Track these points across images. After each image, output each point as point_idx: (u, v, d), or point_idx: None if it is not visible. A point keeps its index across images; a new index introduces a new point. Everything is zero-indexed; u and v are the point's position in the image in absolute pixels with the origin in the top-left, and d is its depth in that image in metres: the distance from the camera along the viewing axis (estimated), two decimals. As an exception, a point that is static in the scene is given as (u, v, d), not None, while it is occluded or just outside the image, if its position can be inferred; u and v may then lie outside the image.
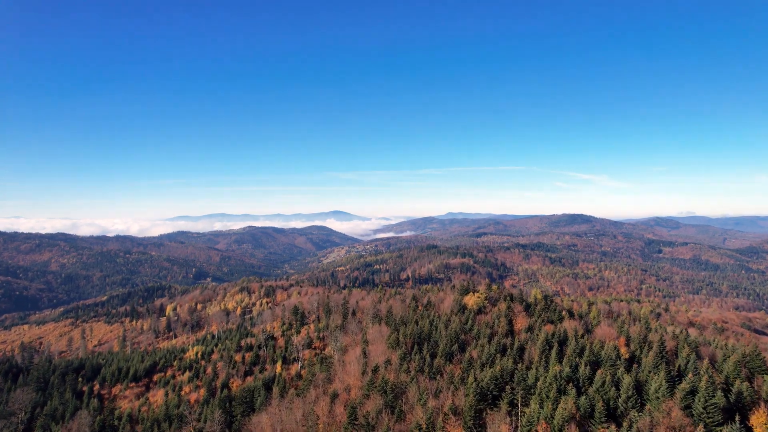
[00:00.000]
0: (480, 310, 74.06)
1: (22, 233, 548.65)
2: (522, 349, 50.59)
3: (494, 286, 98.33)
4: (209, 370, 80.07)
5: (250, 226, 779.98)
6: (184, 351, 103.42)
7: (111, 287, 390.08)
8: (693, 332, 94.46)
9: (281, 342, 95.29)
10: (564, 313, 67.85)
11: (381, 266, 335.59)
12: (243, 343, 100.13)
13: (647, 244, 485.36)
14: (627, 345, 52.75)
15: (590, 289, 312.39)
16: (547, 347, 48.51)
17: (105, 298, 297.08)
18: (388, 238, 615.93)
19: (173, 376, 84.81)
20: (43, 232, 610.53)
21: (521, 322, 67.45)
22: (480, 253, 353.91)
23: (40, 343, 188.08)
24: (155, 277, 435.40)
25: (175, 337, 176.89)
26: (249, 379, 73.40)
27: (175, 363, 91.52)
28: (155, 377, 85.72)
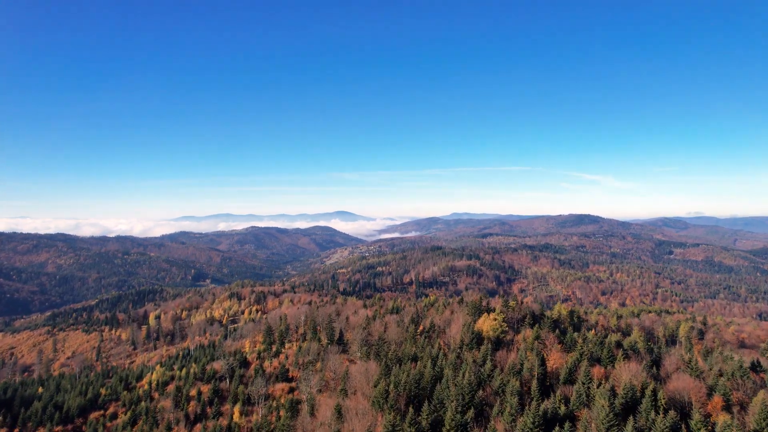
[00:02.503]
0: (498, 340, 56.73)
1: (21, 233, 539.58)
2: (573, 420, 33.23)
3: (512, 302, 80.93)
4: (152, 408, 63.34)
5: (253, 227, 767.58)
6: (141, 377, 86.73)
7: (106, 289, 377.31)
8: (761, 360, 76.70)
9: (253, 369, 78.40)
10: (617, 351, 50.23)
11: (383, 268, 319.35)
12: (209, 367, 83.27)
13: (657, 245, 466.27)
14: (726, 409, 35.32)
15: (603, 294, 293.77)
16: (614, 421, 31.30)
17: (94, 302, 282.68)
18: (392, 239, 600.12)
19: (114, 416, 68.16)
20: (44, 232, 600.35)
21: (556, 359, 50.12)
22: (486, 255, 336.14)
23: (11, 355, 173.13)
24: (153, 278, 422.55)
25: (155, 348, 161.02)
26: (198, 427, 56.69)
27: (123, 395, 74.94)
28: (92, 416, 69.09)
